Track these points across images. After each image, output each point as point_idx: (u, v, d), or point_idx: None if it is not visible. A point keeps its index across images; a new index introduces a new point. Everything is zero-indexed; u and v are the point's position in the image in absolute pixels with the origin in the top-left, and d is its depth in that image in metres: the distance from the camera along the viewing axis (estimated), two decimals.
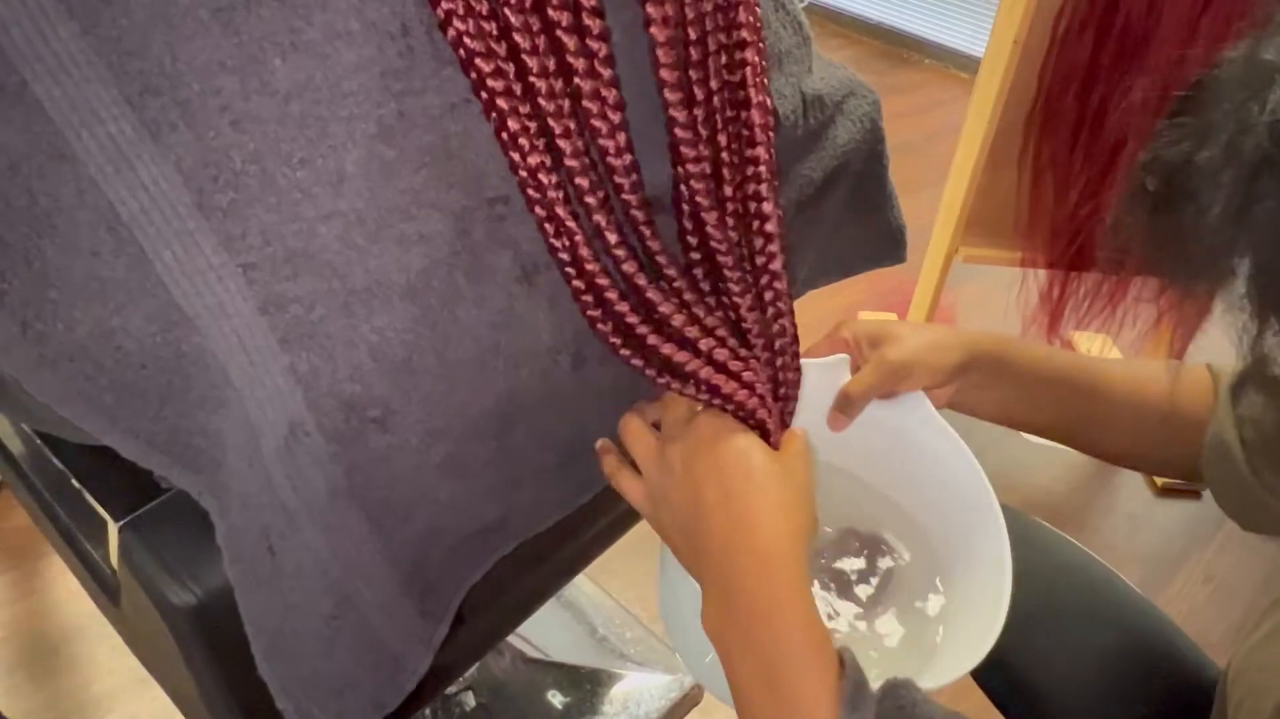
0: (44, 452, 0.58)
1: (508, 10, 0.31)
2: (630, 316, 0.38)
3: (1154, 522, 1.46)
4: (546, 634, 1.18)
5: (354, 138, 0.32)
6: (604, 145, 0.35)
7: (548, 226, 0.35)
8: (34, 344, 0.34)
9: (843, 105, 0.56)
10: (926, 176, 2.47)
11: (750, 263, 0.41)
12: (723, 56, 0.39)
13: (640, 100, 0.37)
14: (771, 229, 0.40)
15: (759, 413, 0.42)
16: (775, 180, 0.40)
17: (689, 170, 0.38)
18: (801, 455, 0.44)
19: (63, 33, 0.29)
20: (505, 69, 0.32)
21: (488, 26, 0.32)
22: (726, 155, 0.40)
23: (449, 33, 0.31)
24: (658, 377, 0.40)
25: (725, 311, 0.41)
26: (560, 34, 0.33)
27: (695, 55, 0.37)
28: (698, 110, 0.38)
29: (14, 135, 0.30)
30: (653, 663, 1.14)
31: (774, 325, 0.42)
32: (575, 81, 0.34)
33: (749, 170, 0.39)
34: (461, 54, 0.32)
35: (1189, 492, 1.50)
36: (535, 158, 0.34)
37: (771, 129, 0.39)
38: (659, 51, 0.35)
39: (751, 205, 0.39)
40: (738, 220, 0.41)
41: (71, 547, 0.66)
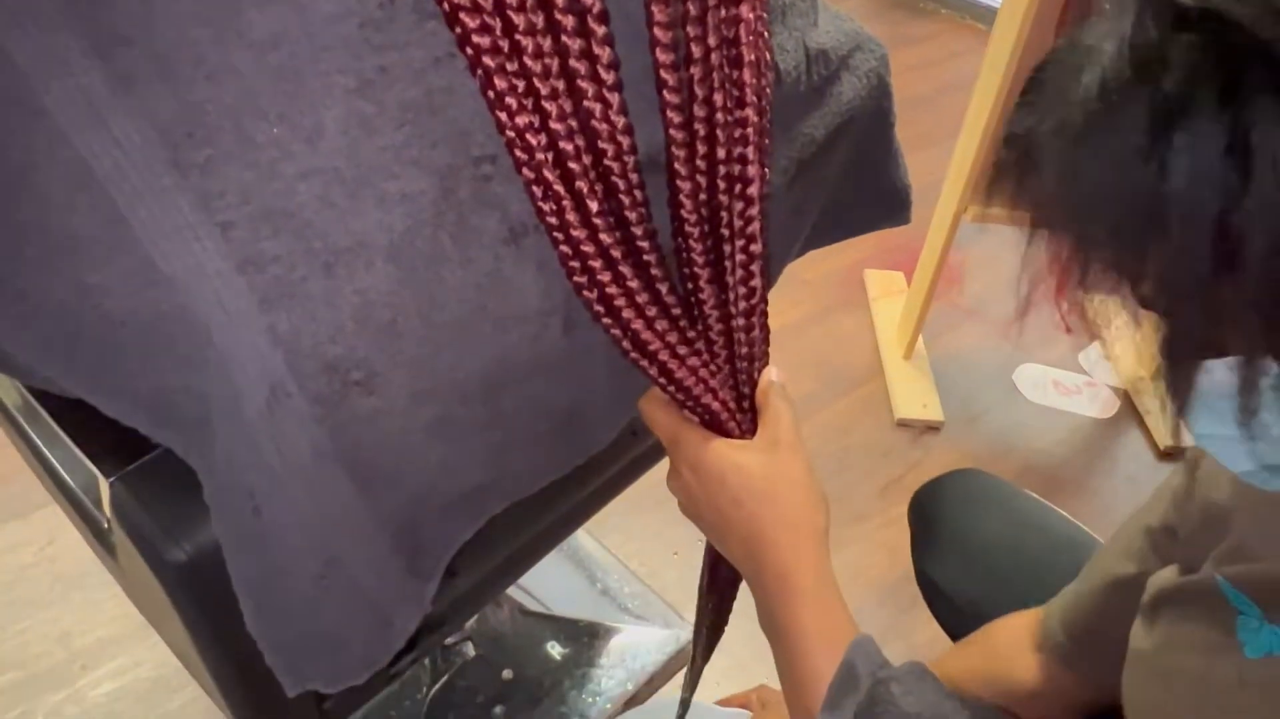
0: (35, 405, 0.58)
1: None
2: (610, 287, 0.37)
3: (1155, 485, 1.46)
4: (547, 586, 1.20)
5: (333, 93, 0.31)
6: (590, 108, 0.34)
7: (535, 189, 0.34)
8: (12, 301, 0.34)
9: (849, 60, 0.54)
10: (938, 132, 2.43)
11: (729, 226, 0.40)
12: (721, 11, 0.37)
13: (634, 57, 0.36)
14: (753, 192, 0.39)
15: (704, 399, 0.43)
16: (765, 142, 0.39)
17: (671, 136, 0.37)
18: (789, 446, 0.46)
19: None
20: (491, 24, 0.31)
21: None
22: (722, 116, 0.38)
23: None
24: (630, 351, 0.40)
25: (690, 283, 0.40)
26: None
27: (694, 10, 0.36)
28: (695, 69, 0.37)
29: None
30: (650, 617, 1.16)
31: (743, 287, 0.41)
32: (563, 40, 0.32)
33: (736, 133, 0.38)
34: (445, 7, 0.30)
35: None
36: (524, 118, 0.33)
37: (765, 90, 0.38)
38: (653, 8, 0.34)
39: (736, 168, 0.38)
40: (728, 183, 0.39)
41: (68, 498, 0.66)
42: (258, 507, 0.39)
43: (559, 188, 0.34)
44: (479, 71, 0.32)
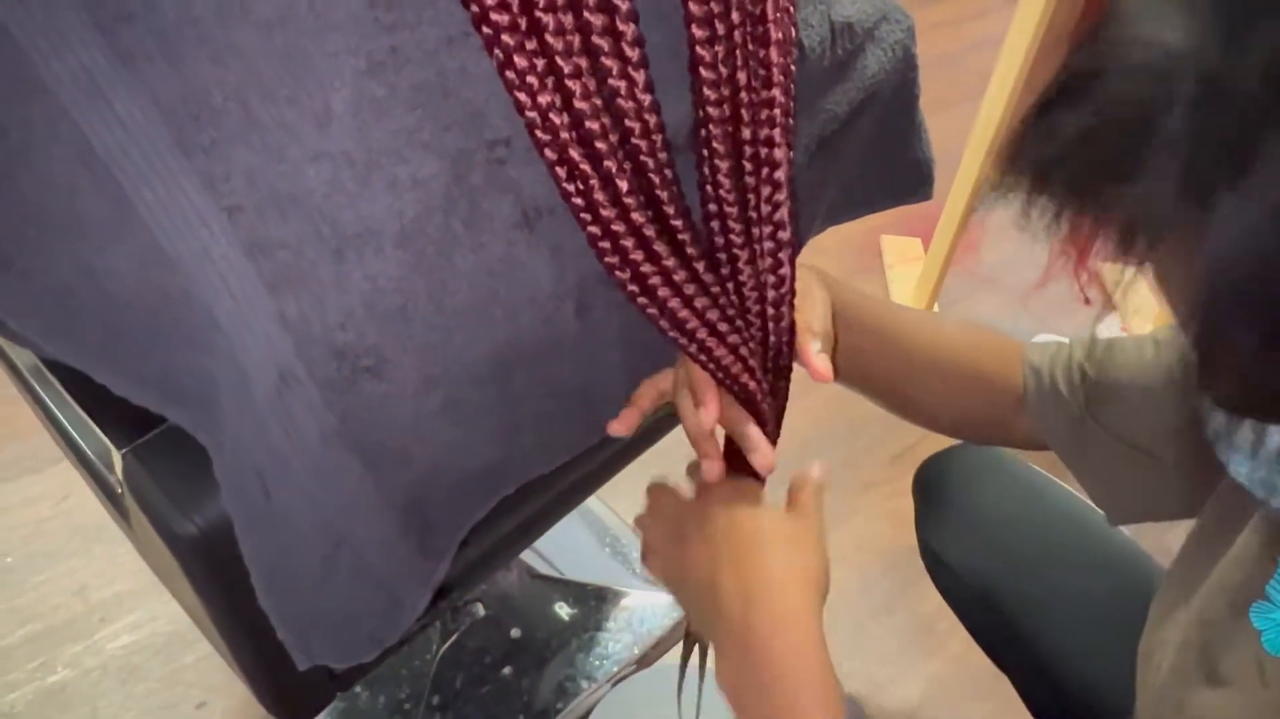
0: (45, 372, 0.58)
1: None
2: (645, 266, 0.36)
3: None
4: (556, 548, 1.21)
5: (342, 74, 0.30)
6: (615, 86, 0.33)
7: (559, 170, 0.33)
8: (18, 280, 0.33)
9: (874, 32, 0.53)
10: (960, 92, 2.37)
11: (757, 210, 0.39)
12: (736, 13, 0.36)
13: (653, 34, 0.35)
14: (780, 176, 0.37)
15: (742, 378, 0.42)
16: (791, 122, 0.37)
17: (709, 114, 0.35)
18: (811, 511, 0.45)
19: None
20: (509, 1, 0.30)
21: None
22: (746, 95, 0.37)
23: None
24: (668, 330, 0.39)
25: (727, 266, 0.39)
26: None
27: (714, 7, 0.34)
28: (719, 47, 0.35)
29: None
30: (657, 583, 1.16)
31: (772, 276, 0.40)
32: (585, 16, 0.31)
33: (763, 114, 0.36)
34: None
35: None
36: (545, 97, 0.31)
37: (791, 69, 0.36)
38: (692, 5, 0.33)
39: (763, 151, 0.37)
40: (755, 165, 0.38)
41: (80, 461, 0.66)
42: (267, 488, 0.39)
43: (585, 167, 0.33)
44: (496, 50, 0.31)
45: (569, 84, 0.32)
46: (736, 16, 0.36)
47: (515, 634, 1.10)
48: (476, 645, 1.08)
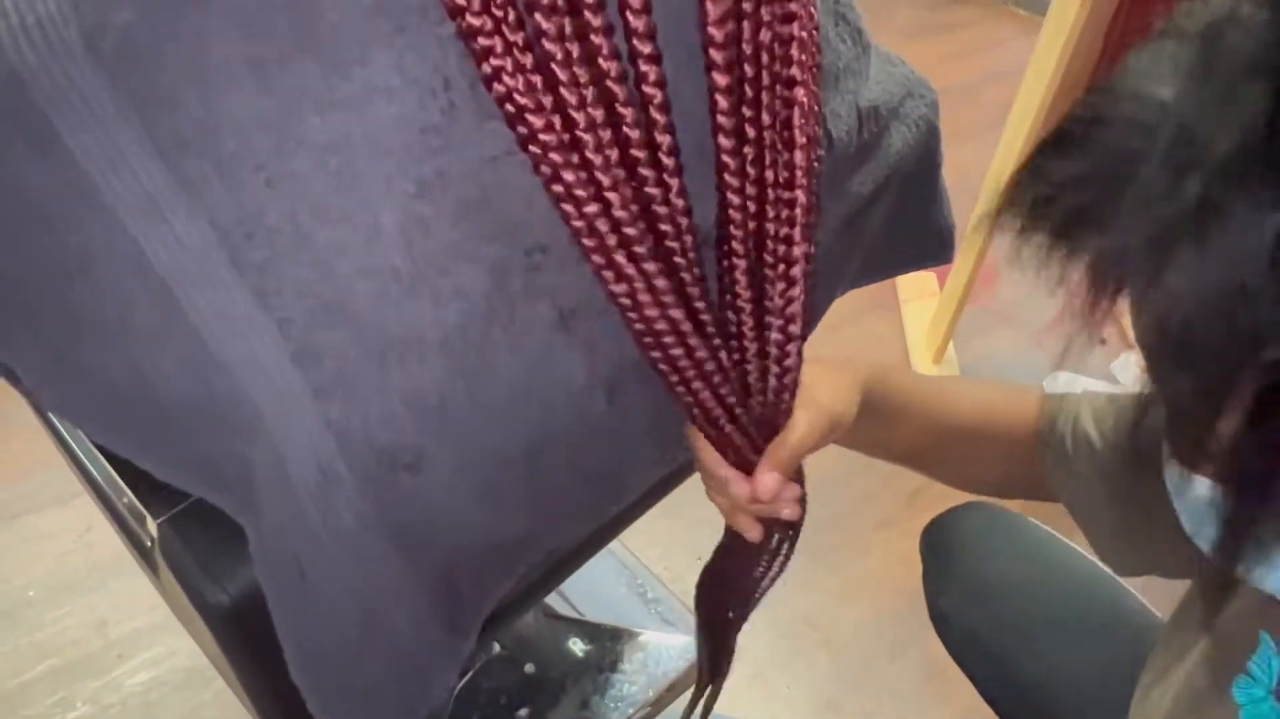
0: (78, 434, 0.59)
1: (555, 66, 0.30)
2: (683, 360, 0.37)
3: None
4: (572, 586, 1.21)
5: (392, 195, 0.31)
6: (652, 193, 0.34)
7: (607, 273, 0.34)
8: (68, 379, 0.34)
9: (899, 110, 0.53)
10: (978, 124, 2.38)
11: (771, 301, 0.40)
12: (776, 89, 0.37)
13: (684, 135, 0.36)
14: (797, 273, 0.38)
15: (749, 457, 0.44)
16: (813, 218, 0.38)
17: (731, 216, 0.36)
18: None
19: (94, 83, 0.28)
20: (553, 121, 0.31)
21: (535, 80, 0.30)
22: (772, 193, 0.38)
23: (495, 88, 0.30)
24: (698, 419, 0.40)
25: (736, 353, 0.40)
26: (610, 84, 0.31)
27: (750, 93, 0.35)
28: (748, 149, 0.36)
29: (43, 179, 0.30)
30: (674, 623, 1.17)
31: (776, 366, 0.41)
32: (624, 130, 0.32)
33: (784, 213, 0.37)
34: (509, 109, 0.30)
35: None
36: (591, 207, 0.32)
37: (815, 168, 0.37)
38: (718, 97, 0.33)
39: (782, 248, 0.38)
40: (774, 259, 0.39)
41: (109, 509, 0.67)
42: (303, 569, 0.40)
43: (630, 271, 0.34)
44: (543, 168, 0.31)
45: (608, 195, 0.32)
46: (766, 118, 0.37)
47: (529, 669, 1.10)
48: (492, 685, 1.08)
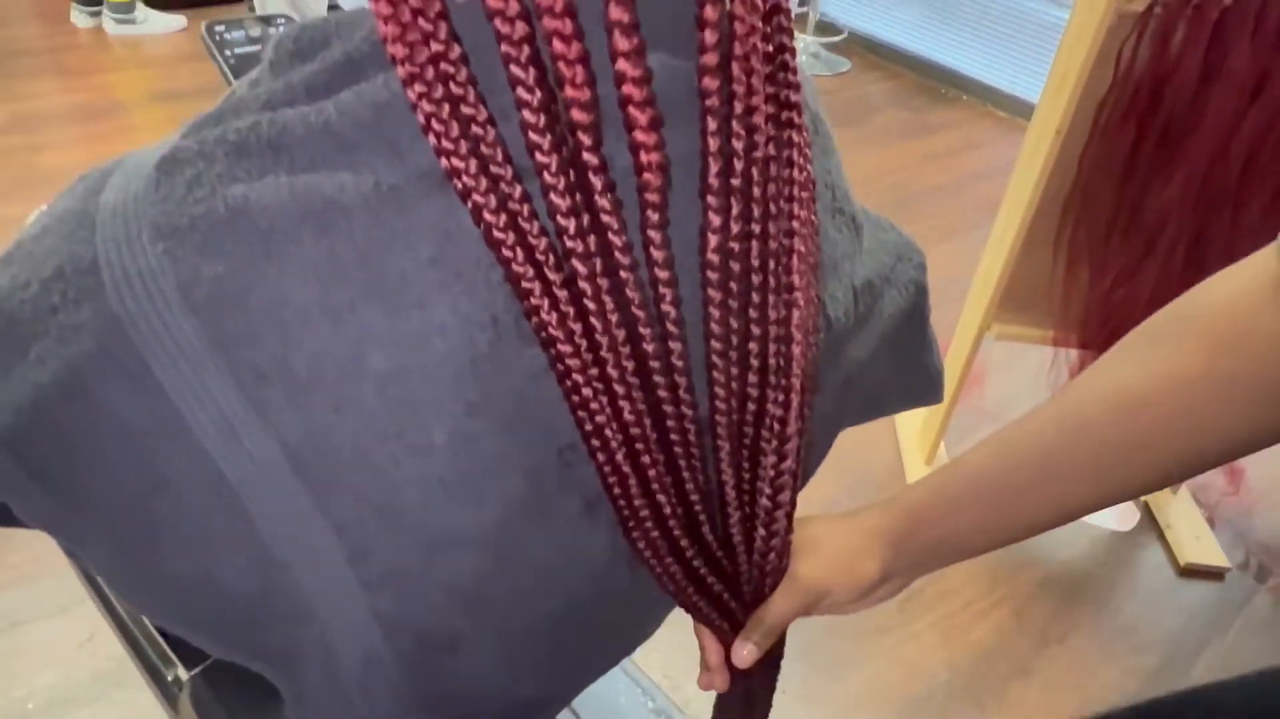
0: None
1: (588, 300, 0.34)
2: (660, 542, 0.41)
3: (1175, 603, 1.46)
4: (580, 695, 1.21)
5: (443, 416, 0.34)
6: (662, 396, 0.37)
7: (610, 479, 0.38)
8: (140, 577, 0.38)
9: (889, 277, 0.58)
10: (960, 223, 2.46)
11: (761, 481, 0.43)
12: (778, 313, 0.40)
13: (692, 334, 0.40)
14: (787, 467, 0.42)
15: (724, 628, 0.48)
16: (806, 413, 0.42)
17: (717, 420, 0.40)
18: None
19: (185, 327, 0.32)
20: (579, 344, 0.35)
21: (568, 311, 0.34)
22: (774, 378, 0.42)
23: (534, 321, 0.34)
24: (676, 598, 0.44)
25: (720, 530, 0.44)
26: (635, 309, 0.35)
27: (755, 315, 0.39)
28: (734, 362, 0.40)
29: (136, 412, 0.33)
30: None
31: (764, 529, 0.44)
32: (642, 347, 0.36)
33: (779, 397, 0.41)
34: (543, 336, 0.34)
35: (1212, 574, 1.50)
36: (602, 417, 0.36)
37: (809, 360, 0.41)
38: (713, 324, 0.38)
39: (776, 426, 0.41)
40: (769, 438, 0.43)
41: (136, 653, 0.69)
42: None
43: (626, 470, 0.38)
44: (568, 383, 0.35)
45: (620, 404, 0.36)
46: (758, 330, 0.40)
47: None
48: None
